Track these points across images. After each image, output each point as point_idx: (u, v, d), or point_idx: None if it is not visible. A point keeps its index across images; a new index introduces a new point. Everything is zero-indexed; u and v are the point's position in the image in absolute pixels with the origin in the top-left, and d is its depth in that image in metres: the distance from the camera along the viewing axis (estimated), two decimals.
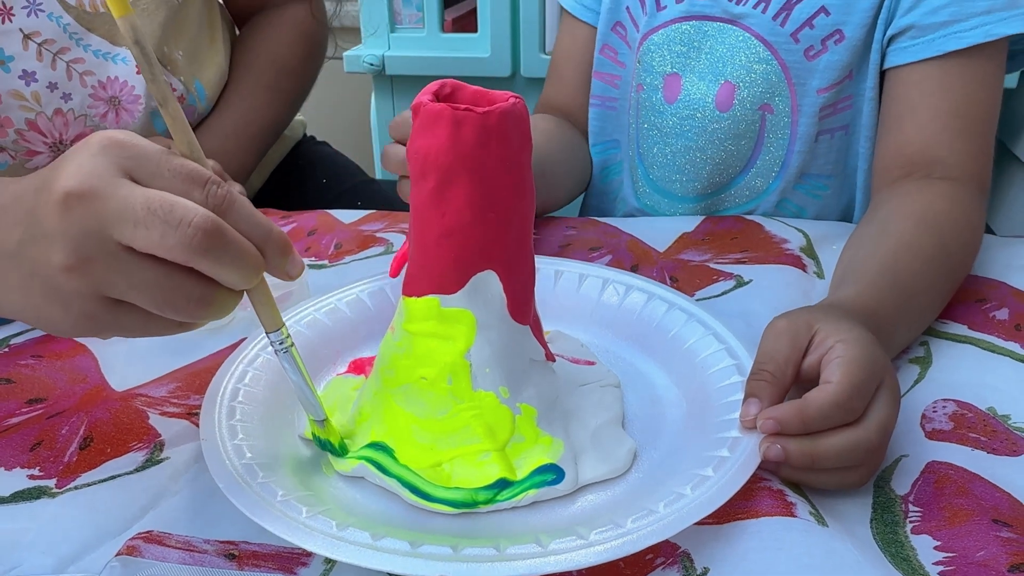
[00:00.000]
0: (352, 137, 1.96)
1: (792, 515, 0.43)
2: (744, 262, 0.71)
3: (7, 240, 0.41)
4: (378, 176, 1.77)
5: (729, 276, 0.69)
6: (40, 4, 0.77)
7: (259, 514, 0.42)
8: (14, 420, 0.54)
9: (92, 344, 0.61)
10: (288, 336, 0.46)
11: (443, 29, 1.69)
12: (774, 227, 0.78)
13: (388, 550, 0.40)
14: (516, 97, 0.46)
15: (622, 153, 0.92)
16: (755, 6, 0.77)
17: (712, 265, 0.71)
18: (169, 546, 0.43)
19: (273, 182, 1.09)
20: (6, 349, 0.62)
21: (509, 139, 0.45)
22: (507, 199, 0.46)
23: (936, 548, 0.43)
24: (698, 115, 0.82)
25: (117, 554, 0.43)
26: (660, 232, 0.78)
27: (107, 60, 0.81)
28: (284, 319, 0.46)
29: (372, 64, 1.69)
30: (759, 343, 0.50)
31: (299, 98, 0.99)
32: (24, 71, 0.77)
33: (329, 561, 0.43)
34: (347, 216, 0.84)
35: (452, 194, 0.45)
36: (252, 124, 0.90)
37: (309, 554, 0.43)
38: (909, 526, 0.44)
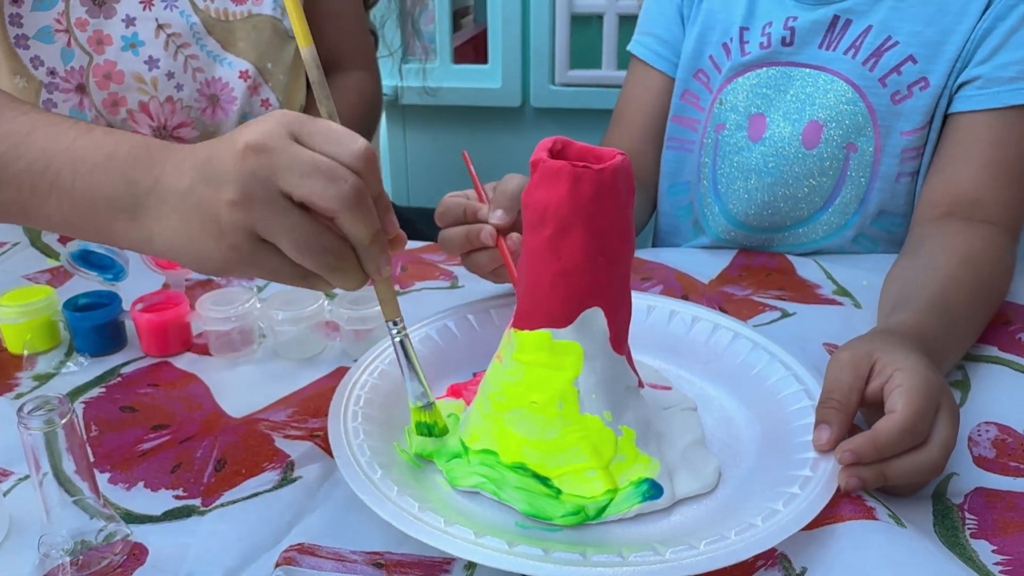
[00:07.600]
0: None
1: (874, 518, 0.49)
2: (783, 299, 0.78)
3: (180, 181, 0.49)
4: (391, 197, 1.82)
5: (774, 308, 0.75)
6: (176, 1, 0.86)
7: (404, 524, 0.47)
8: (147, 445, 0.58)
9: (201, 373, 0.66)
10: (404, 327, 0.55)
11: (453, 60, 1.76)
12: (804, 270, 0.85)
13: (525, 555, 0.45)
14: (622, 154, 0.52)
15: (691, 194, 0.97)
16: (845, 52, 0.82)
17: (755, 299, 0.78)
18: (321, 556, 0.48)
19: None
20: (119, 378, 0.66)
21: (619, 192, 0.51)
22: (615, 244, 0.52)
23: (994, 551, 0.49)
24: (783, 152, 0.86)
25: (277, 564, 0.48)
26: (700, 265, 0.85)
27: (216, 62, 0.89)
28: (378, 350, 0.55)
29: (387, 95, 1.75)
30: (825, 374, 0.56)
31: None
32: (150, 57, 0.86)
33: (469, 567, 0.48)
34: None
35: (568, 241, 0.51)
36: None
37: (450, 562, 0.48)
38: (967, 532, 0.51)
